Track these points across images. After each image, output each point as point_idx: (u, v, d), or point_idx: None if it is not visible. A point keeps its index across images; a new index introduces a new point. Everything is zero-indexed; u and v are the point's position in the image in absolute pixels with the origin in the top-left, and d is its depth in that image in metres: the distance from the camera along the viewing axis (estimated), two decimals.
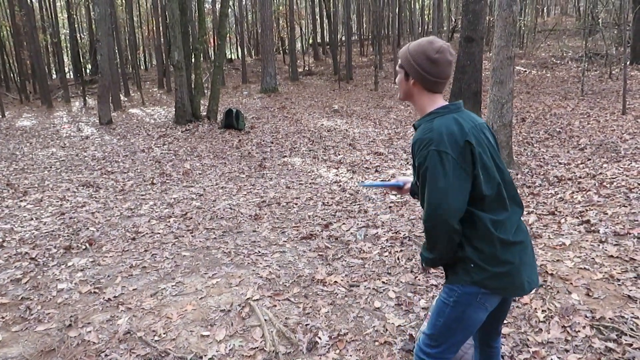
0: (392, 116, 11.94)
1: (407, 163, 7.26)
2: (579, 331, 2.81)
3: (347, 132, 10.36)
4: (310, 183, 6.55)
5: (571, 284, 3.33)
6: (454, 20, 29.95)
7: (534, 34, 24.83)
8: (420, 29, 29.80)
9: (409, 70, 1.77)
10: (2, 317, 3.38)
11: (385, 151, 8.13)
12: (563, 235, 4.21)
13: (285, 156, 8.53)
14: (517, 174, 6.14)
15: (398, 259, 3.93)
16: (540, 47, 23.15)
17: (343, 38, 26.24)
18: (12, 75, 26.95)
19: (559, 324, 2.89)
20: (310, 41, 33.97)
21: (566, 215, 4.64)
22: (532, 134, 8.80)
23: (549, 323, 2.91)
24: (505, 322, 2.95)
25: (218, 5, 25.61)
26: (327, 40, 30.76)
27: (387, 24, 30.93)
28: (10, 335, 3.16)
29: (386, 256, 4.00)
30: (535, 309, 3.06)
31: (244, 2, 31.79)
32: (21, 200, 6.48)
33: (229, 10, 33.93)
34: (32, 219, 5.63)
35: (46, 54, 30.59)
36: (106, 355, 2.88)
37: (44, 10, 27.67)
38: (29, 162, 9.25)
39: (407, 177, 2.29)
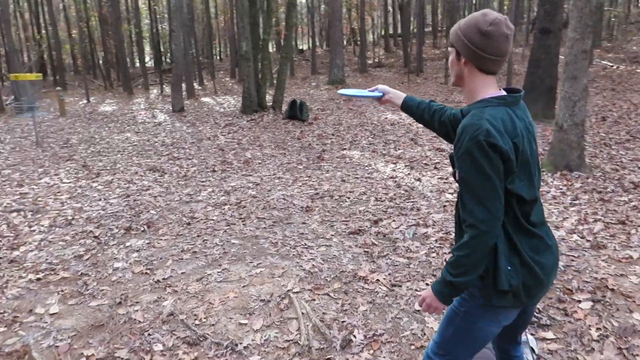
0: None
1: None
2: (637, 355, 2.58)
3: (410, 127, 10.14)
4: (365, 177, 6.48)
5: (634, 302, 3.07)
6: (535, 10, 28.43)
7: (626, 26, 23.05)
8: None
9: (459, 47, 1.56)
10: (62, 290, 3.62)
11: (448, 147, 7.88)
12: (632, 247, 3.89)
13: (345, 149, 8.50)
14: (587, 178, 5.74)
15: (445, 261, 3.80)
16: (632, 39, 21.45)
17: (416, 29, 25.66)
18: (98, 62, 28.72)
19: (615, 344, 2.67)
20: (382, 32, 33.55)
21: (638, 226, 4.28)
22: (612, 134, 8.19)
23: (603, 343, 2.69)
24: (554, 336, 2.77)
25: None
26: (400, 31, 30.22)
27: (462, 15, 29.91)
28: (66, 308, 3.38)
29: (433, 257, 3.88)
30: (590, 326, 2.85)
31: None
32: (93, 181, 6.90)
33: (302, 0, 34.21)
34: (100, 199, 5.98)
35: (130, 43, 32.34)
36: (149, 334, 3.00)
37: (128, 1, 29.21)
38: (105, 146, 9.83)
39: (388, 88, 2.08)
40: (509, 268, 1.53)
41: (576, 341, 2.73)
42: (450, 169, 6.56)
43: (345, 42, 34.04)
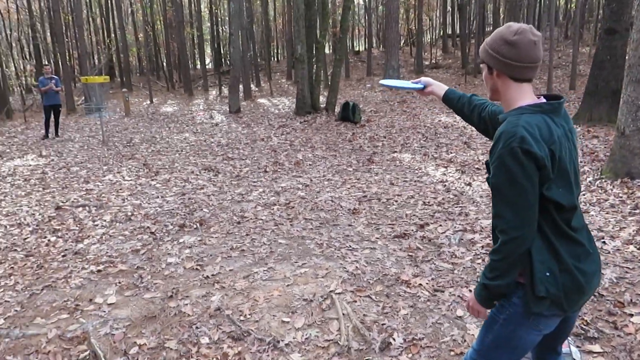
0: None
1: None
2: None
3: (464, 130, 9.96)
4: (415, 181, 6.44)
5: None
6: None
7: None
8: (563, 18, 27.39)
9: (490, 62, 1.60)
10: (119, 282, 3.86)
11: None
12: None
13: (396, 151, 8.47)
14: None
15: None
16: None
17: (475, 29, 25.07)
18: (162, 65, 29.97)
19: None
20: (441, 33, 33.00)
21: None
22: None
23: None
24: (601, 350, 2.68)
25: None
26: (458, 31, 29.61)
27: (525, 14, 28.88)
28: (122, 299, 3.60)
29: (479, 264, 3.83)
30: None
31: None
32: (152, 179, 7.26)
33: (360, 2, 34.23)
34: (158, 197, 6.29)
35: (191, 46, 33.53)
36: (197, 327, 3.16)
37: (192, 5, 30.29)
38: (164, 145, 10.29)
39: (431, 80, 2.12)
40: (547, 274, 1.53)
41: (625, 356, 2.63)
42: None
43: (402, 43, 33.79)
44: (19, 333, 3.18)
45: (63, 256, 4.47)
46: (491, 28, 31.99)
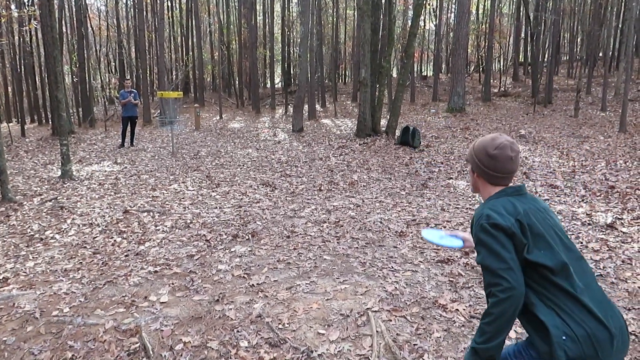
0: (585, 147, 10.81)
1: (582, 200, 6.58)
2: None
3: (525, 160, 9.73)
4: (467, 208, 6.40)
5: None
6: None
7: None
8: None
9: (472, 165, 1.91)
10: (172, 283, 4.15)
11: (561, 184, 7.47)
12: None
13: (451, 178, 8.43)
14: None
15: None
16: None
17: (548, 58, 24.34)
18: (234, 82, 31.29)
19: None
20: (511, 61, 32.29)
21: None
22: None
23: None
24: None
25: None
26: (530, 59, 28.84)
27: (605, 45, 27.76)
28: (174, 299, 3.88)
29: None
30: None
31: (444, 19, 31.75)
32: (213, 191, 7.66)
33: (432, 27, 34.22)
34: (216, 207, 6.64)
35: (263, 65, 34.81)
36: (238, 331, 3.36)
37: (266, 27, 31.57)
38: (228, 159, 10.78)
39: (467, 235, 2.28)
40: (564, 338, 1.58)
41: None
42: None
43: (471, 70, 33.33)
44: (81, 321, 3.52)
45: (125, 256, 4.86)
46: (567, 57, 30.95)
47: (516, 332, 3.23)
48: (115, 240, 5.34)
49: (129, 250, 5.03)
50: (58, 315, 3.63)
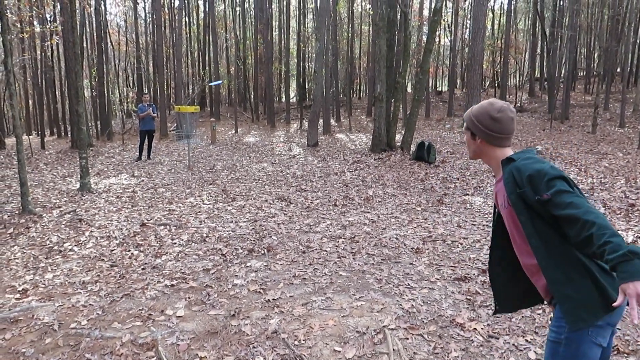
0: (603, 164, 10.67)
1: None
2: None
3: None
4: (483, 225, 6.35)
5: None
6: None
7: None
8: None
9: (475, 130, 1.97)
10: (188, 297, 4.17)
11: None
12: None
13: (467, 194, 8.37)
14: None
15: (551, 319, 3.63)
16: None
17: (565, 73, 24.20)
18: (249, 97, 31.59)
19: None
20: (527, 76, 32.15)
21: None
22: None
23: None
24: None
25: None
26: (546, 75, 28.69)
27: (622, 60, 27.48)
28: (190, 313, 3.89)
29: (539, 314, 3.74)
30: None
31: (459, 35, 31.80)
32: (229, 205, 7.70)
33: (447, 42, 34.28)
34: (232, 221, 6.67)
35: (278, 80, 35.12)
36: (254, 347, 3.35)
37: (282, 43, 31.90)
38: (243, 173, 10.85)
39: None
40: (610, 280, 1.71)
41: None
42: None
43: (487, 85, 33.23)
44: (98, 334, 3.54)
45: (142, 269, 4.89)
46: (584, 73, 30.73)
47: (536, 354, 3.18)
48: (132, 253, 5.38)
49: (145, 263, 5.06)
50: (76, 327, 3.66)
